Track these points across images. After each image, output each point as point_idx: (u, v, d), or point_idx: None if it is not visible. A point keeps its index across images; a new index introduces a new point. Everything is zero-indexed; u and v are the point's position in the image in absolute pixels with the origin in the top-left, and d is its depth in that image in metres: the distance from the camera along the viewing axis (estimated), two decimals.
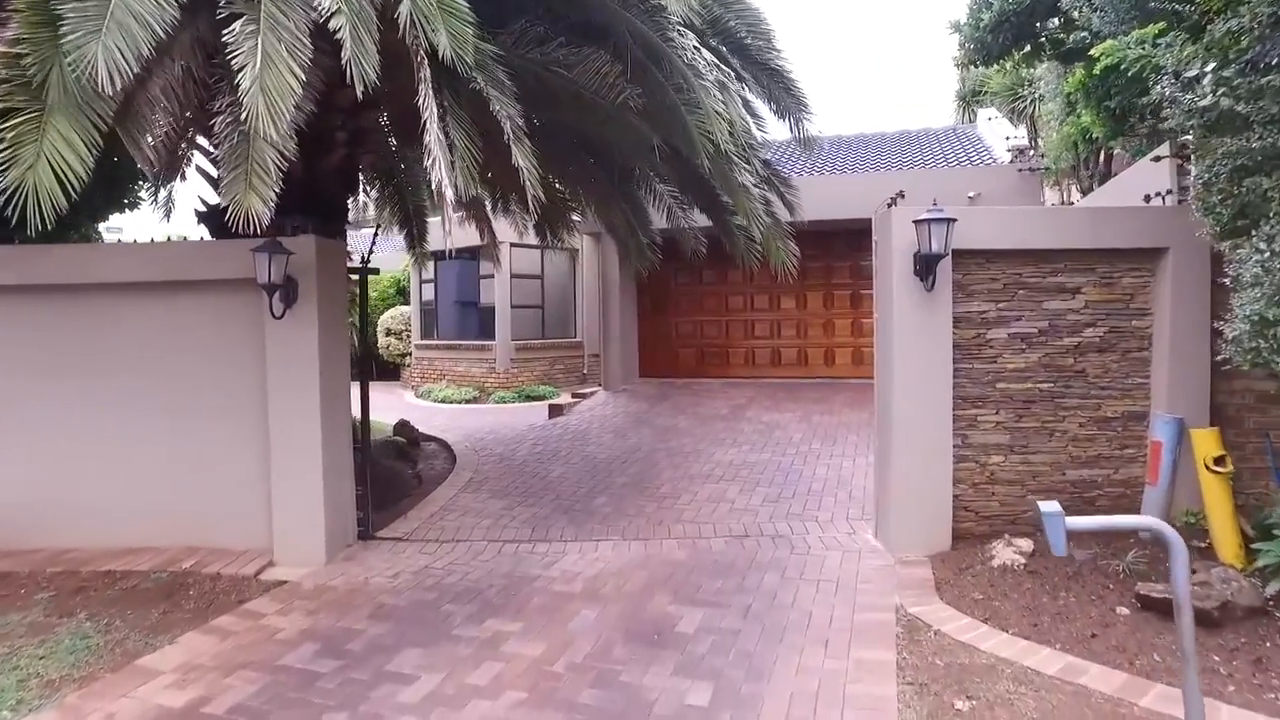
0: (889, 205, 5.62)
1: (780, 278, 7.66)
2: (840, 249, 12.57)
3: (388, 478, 7.90)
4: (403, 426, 10.04)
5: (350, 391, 6.12)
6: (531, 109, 6.06)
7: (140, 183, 9.64)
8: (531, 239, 12.56)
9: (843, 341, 12.85)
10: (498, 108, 4.68)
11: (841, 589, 4.88)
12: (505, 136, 4.60)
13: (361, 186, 12.22)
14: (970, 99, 18.14)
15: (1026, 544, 5.18)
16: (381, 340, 19.21)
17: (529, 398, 15.39)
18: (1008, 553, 5.12)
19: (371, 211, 12.25)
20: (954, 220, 5.12)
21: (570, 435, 9.79)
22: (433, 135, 4.32)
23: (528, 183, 4.50)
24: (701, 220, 10.41)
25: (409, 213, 12.16)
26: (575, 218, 11.71)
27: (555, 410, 11.19)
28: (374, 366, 20.86)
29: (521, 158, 4.55)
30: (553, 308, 17.63)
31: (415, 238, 12.58)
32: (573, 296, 17.94)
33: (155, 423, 5.90)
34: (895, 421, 5.47)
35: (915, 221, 5.19)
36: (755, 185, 6.88)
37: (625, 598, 4.82)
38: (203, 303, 5.87)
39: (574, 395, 12.19)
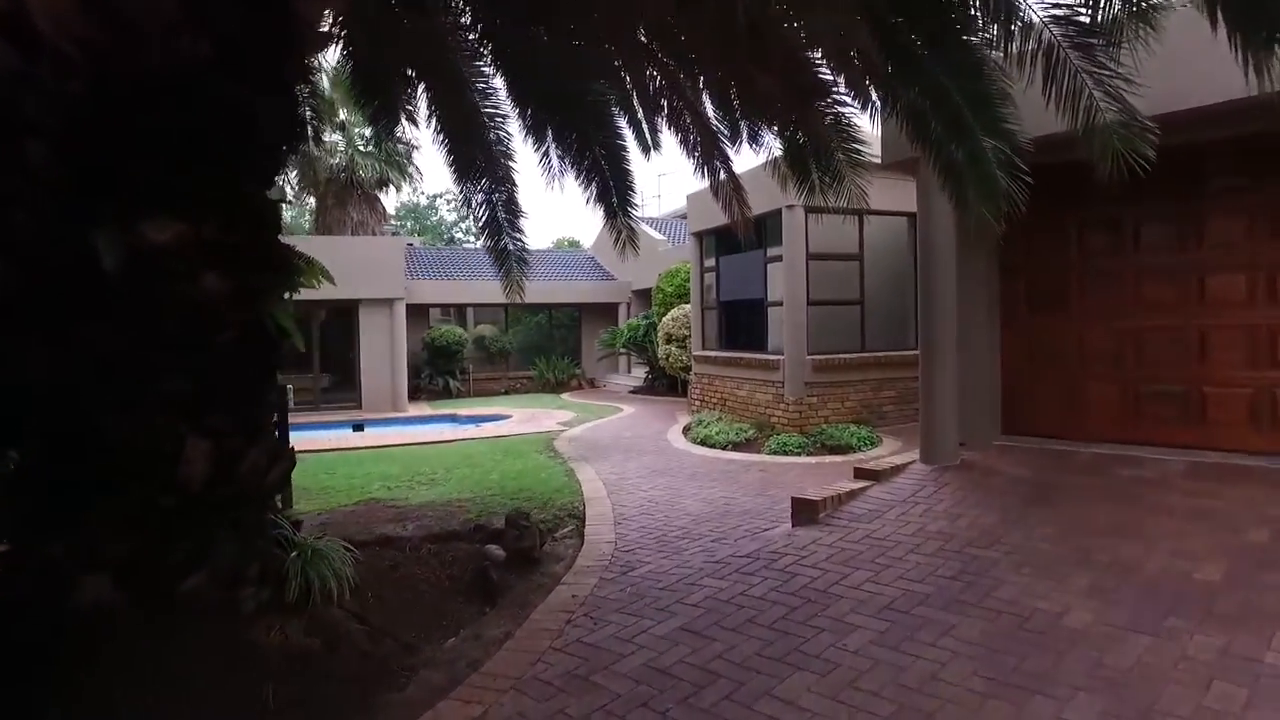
0: None
1: None
2: None
3: (318, 693, 3.55)
4: (513, 523, 5.62)
5: None
6: None
7: None
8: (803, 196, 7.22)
9: None
10: None
11: None
12: None
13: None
14: None
15: None
16: (660, 349, 15.17)
17: (828, 447, 9.98)
18: None
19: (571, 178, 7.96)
20: None
21: (784, 601, 4.33)
22: None
23: None
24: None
25: (595, 159, 7.68)
26: (864, 150, 6.08)
27: (805, 510, 5.74)
28: (678, 382, 16.84)
29: None
30: (879, 304, 11.79)
31: (616, 202, 8.07)
32: (913, 286, 11.88)
33: None
34: None
35: None
36: None
37: None
38: None
39: (859, 473, 6.49)
